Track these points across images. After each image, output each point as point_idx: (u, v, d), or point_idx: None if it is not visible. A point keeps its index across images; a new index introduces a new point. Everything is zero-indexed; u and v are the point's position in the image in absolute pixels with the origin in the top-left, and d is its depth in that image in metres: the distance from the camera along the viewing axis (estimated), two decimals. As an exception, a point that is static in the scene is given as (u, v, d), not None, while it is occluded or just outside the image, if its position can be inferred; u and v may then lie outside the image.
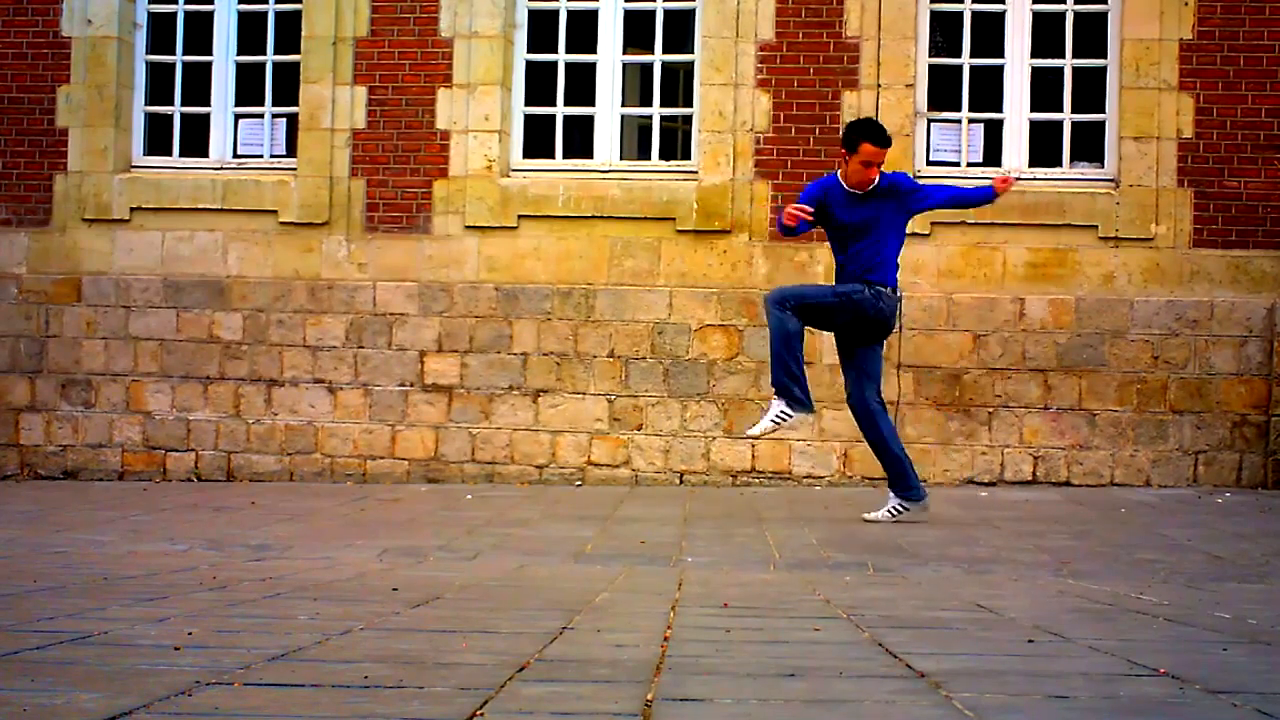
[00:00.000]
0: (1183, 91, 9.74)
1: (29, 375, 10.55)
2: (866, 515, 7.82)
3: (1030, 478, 9.76)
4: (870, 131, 7.64)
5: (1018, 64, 10.02)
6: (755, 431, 7.89)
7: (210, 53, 10.65)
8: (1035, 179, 9.95)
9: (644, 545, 6.73)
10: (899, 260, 7.79)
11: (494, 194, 10.19)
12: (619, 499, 9.04)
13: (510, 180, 10.25)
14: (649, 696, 2.87)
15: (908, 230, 7.93)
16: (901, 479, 7.75)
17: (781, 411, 7.65)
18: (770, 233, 9.96)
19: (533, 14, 10.46)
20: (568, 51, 10.40)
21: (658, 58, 10.42)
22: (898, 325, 9.87)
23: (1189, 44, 9.75)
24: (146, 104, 10.75)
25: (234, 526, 7.51)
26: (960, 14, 10.16)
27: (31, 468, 10.54)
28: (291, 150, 10.51)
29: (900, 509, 7.71)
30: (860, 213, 7.68)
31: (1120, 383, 9.77)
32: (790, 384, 7.60)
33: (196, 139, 10.66)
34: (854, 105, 9.88)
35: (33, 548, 6.54)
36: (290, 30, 10.50)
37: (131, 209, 10.49)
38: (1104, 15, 10.01)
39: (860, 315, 7.66)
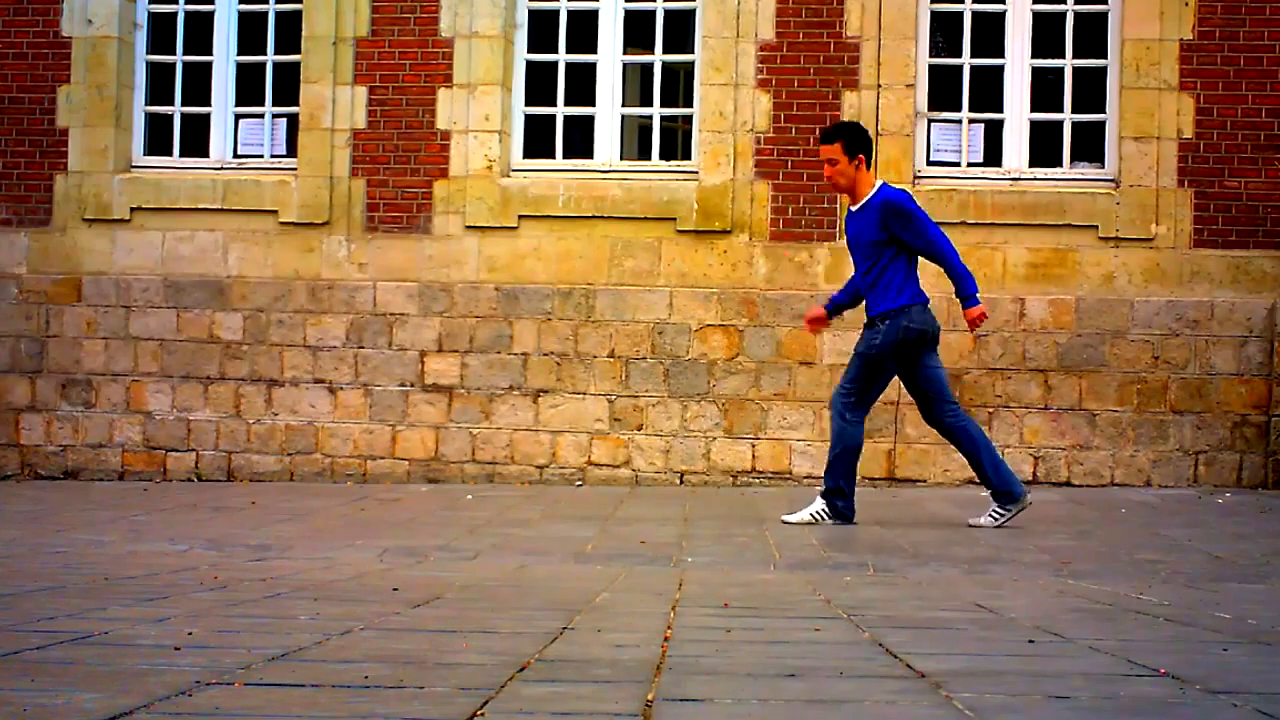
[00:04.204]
0: (1183, 91, 9.74)
1: (29, 375, 10.55)
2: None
3: (1030, 478, 9.75)
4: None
5: (1018, 64, 10.02)
6: (792, 519, 7.58)
7: (210, 53, 10.65)
8: (1035, 179, 9.95)
9: (644, 545, 6.73)
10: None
11: (494, 194, 10.19)
12: (619, 499, 9.04)
13: (510, 180, 10.25)
14: (649, 696, 2.87)
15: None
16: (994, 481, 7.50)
17: (821, 510, 7.54)
18: (770, 232, 9.97)
19: (533, 14, 10.46)
20: (568, 51, 10.40)
21: (658, 58, 10.42)
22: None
23: (1189, 44, 9.75)
24: (147, 104, 10.75)
25: (234, 526, 7.51)
26: (960, 14, 10.16)
27: (31, 468, 10.54)
28: (292, 150, 10.51)
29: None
30: (850, 229, 7.71)
31: (1120, 383, 9.77)
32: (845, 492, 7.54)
33: (196, 139, 10.66)
34: (854, 105, 9.88)
35: (33, 548, 6.54)
36: (290, 30, 10.50)
37: (132, 209, 10.49)
38: (1104, 15, 10.01)
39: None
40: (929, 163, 10.07)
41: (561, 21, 10.40)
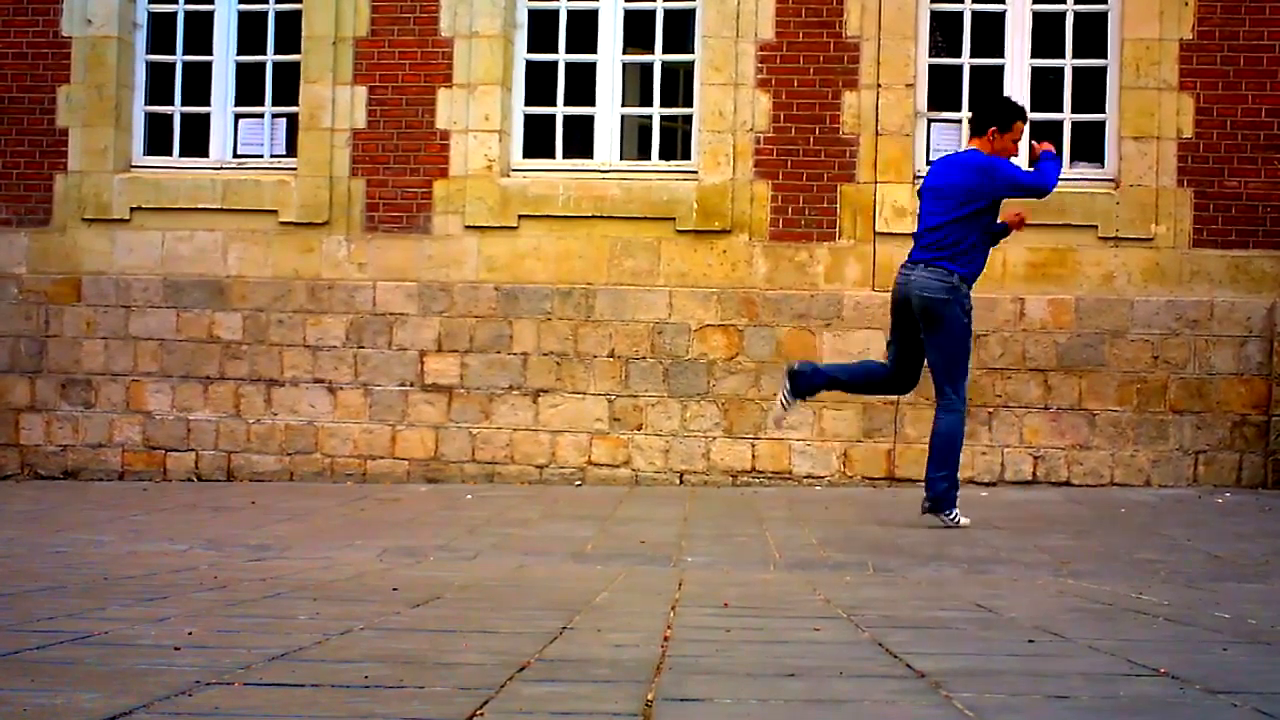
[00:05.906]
0: (1183, 91, 9.74)
1: (29, 375, 10.55)
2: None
3: (1030, 478, 9.75)
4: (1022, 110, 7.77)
5: (1018, 64, 10.02)
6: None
7: (210, 53, 10.64)
8: (1035, 179, 9.94)
9: (644, 545, 6.73)
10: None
11: (494, 194, 10.19)
12: (619, 499, 9.04)
13: (510, 180, 10.25)
14: (649, 696, 2.87)
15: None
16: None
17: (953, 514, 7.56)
18: (770, 232, 9.97)
19: (533, 14, 10.45)
20: (568, 51, 10.40)
21: (658, 57, 10.41)
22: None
23: (1189, 44, 9.75)
24: (146, 104, 10.74)
25: (234, 526, 7.51)
26: (960, 14, 10.16)
27: (31, 468, 10.54)
28: (291, 150, 10.51)
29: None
30: None
31: (1120, 383, 9.77)
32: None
33: (196, 139, 10.65)
34: (854, 105, 9.88)
35: (33, 548, 6.54)
36: (290, 30, 10.50)
37: (131, 209, 10.49)
38: (1104, 15, 10.01)
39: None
40: (929, 162, 10.06)
41: (561, 21, 10.40)
